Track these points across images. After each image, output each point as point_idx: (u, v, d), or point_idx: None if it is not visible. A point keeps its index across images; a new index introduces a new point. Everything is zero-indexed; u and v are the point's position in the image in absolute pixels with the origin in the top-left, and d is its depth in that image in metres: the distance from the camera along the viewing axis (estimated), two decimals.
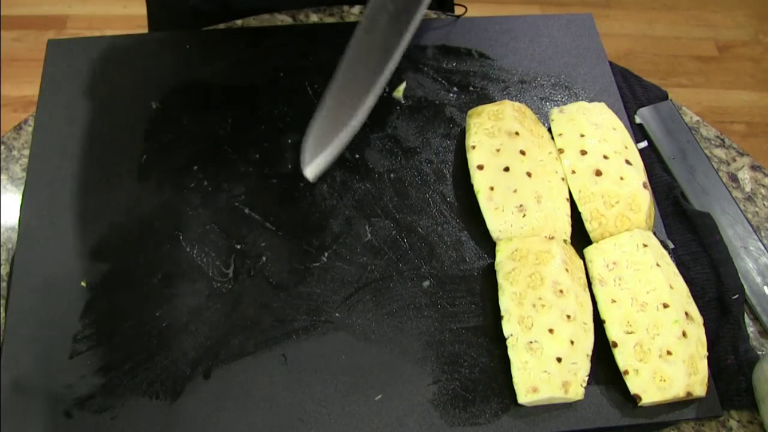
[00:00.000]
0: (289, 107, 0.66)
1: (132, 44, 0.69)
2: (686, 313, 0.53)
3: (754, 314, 0.60)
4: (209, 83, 0.67)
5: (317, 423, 0.51)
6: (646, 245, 0.55)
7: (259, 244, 0.58)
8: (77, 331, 0.54)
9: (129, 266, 0.57)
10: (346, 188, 0.62)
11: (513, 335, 0.52)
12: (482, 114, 0.64)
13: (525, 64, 0.71)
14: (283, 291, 0.56)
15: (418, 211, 0.61)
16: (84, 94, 0.66)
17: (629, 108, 0.69)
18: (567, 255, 0.56)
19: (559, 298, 0.53)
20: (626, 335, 0.53)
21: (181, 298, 0.56)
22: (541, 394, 0.50)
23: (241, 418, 0.51)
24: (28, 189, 0.60)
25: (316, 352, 0.54)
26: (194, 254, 0.58)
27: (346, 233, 0.59)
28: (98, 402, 0.51)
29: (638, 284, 0.54)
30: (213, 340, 0.54)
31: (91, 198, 0.60)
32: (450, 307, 0.56)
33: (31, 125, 0.66)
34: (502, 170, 0.59)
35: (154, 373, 0.53)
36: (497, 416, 0.52)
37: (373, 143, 0.64)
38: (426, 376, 0.53)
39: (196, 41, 0.70)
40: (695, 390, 0.51)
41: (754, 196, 0.67)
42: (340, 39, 0.61)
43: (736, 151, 0.70)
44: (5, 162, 0.65)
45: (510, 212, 0.58)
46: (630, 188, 0.58)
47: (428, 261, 0.58)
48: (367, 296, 0.56)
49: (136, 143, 0.63)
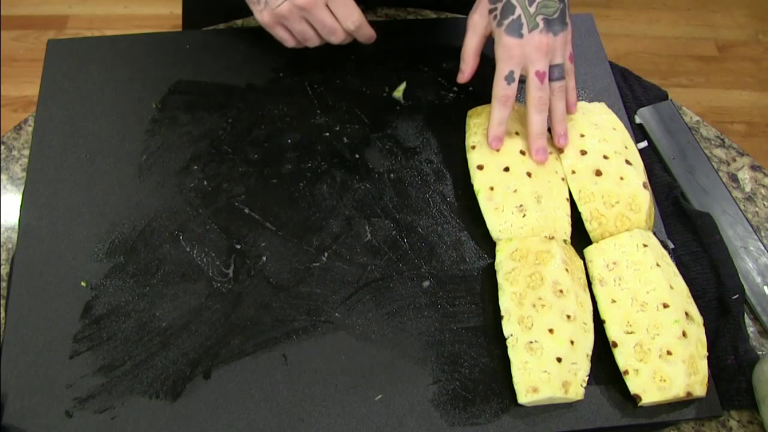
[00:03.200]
0: (289, 107, 0.66)
1: (132, 44, 0.69)
2: (686, 313, 0.53)
3: (754, 314, 0.60)
4: (209, 83, 0.67)
5: (317, 423, 0.51)
6: (646, 245, 0.55)
7: (259, 244, 0.58)
8: (77, 331, 0.54)
9: (129, 266, 0.57)
10: (346, 188, 0.62)
11: (513, 335, 0.52)
12: (482, 114, 0.64)
13: None
14: (283, 291, 0.56)
15: (418, 211, 0.61)
16: (84, 94, 0.66)
17: (629, 108, 0.69)
18: (567, 255, 0.56)
19: (559, 298, 0.53)
20: (626, 335, 0.53)
21: (181, 298, 0.56)
22: (541, 394, 0.50)
23: (241, 418, 0.51)
24: (28, 189, 0.60)
25: (316, 352, 0.54)
26: (194, 254, 0.58)
27: (346, 233, 0.59)
28: (98, 402, 0.51)
29: (638, 284, 0.54)
30: (213, 340, 0.54)
31: (91, 198, 0.60)
32: (450, 307, 0.56)
33: (31, 125, 0.66)
34: (502, 170, 0.59)
35: (154, 373, 0.53)
36: (497, 416, 0.52)
37: (373, 143, 0.64)
38: (426, 376, 0.53)
39: (196, 41, 0.70)
40: (695, 390, 0.51)
41: (754, 196, 0.67)
42: None
43: (736, 151, 0.70)
44: (5, 162, 0.65)
45: (510, 212, 0.58)
46: (630, 188, 0.58)
47: (428, 261, 0.58)
48: (367, 296, 0.56)
49: (136, 143, 0.63)
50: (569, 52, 0.60)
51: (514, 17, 0.58)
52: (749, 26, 1.83)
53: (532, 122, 0.59)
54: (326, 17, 0.61)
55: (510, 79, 0.59)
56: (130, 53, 0.69)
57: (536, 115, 0.59)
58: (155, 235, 0.58)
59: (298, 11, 0.60)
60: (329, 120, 0.66)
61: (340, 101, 0.67)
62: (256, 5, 0.61)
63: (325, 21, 0.61)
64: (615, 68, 0.72)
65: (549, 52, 0.58)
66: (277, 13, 0.60)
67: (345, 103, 0.67)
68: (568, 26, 0.60)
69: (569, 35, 0.60)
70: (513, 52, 0.58)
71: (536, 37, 0.58)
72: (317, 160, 0.63)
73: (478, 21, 0.62)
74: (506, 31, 0.58)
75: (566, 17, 0.59)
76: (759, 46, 1.79)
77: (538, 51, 0.58)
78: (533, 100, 0.59)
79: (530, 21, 0.58)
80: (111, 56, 0.68)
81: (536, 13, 0.58)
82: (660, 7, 1.86)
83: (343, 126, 0.65)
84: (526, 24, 0.58)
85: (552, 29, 0.58)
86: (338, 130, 0.65)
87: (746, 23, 1.83)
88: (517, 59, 0.58)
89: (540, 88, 0.59)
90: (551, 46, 0.58)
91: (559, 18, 0.59)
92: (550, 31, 0.58)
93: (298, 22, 0.61)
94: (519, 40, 0.58)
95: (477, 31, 0.63)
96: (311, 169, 0.63)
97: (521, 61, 0.58)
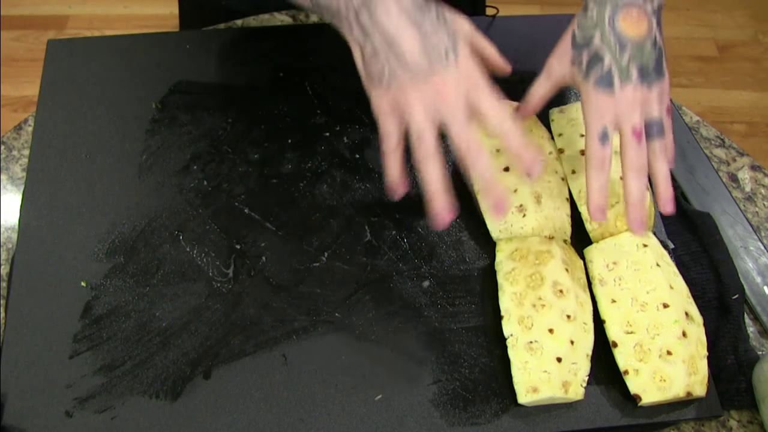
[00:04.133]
0: (289, 107, 0.66)
1: (132, 44, 0.69)
2: (686, 313, 0.53)
3: (754, 314, 0.60)
4: (209, 83, 0.67)
5: (317, 423, 0.51)
6: (646, 245, 0.55)
7: (259, 244, 0.58)
8: (77, 331, 0.54)
9: (129, 266, 0.57)
10: (346, 188, 0.62)
11: (513, 335, 0.52)
12: None
13: (525, 64, 0.71)
14: (283, 291, 0.56)
15: (418, 211, 0.61)
16: (84, 94, 0.66)
17: None
18: (567, 255, 0.56)
19: (559, 298, 0.53)
20: (626, 335, 0.53)
21: (181, 298, 0.56)
22: (541, 394, 0.50)
23: (241, 418, 0.51)
24: (28, 189, 0.60)
25: (316, 352, 0.54)
26: (194, 254, 0.58)
27: (346, 233, 0.59)
28: (98, 402, 0.51)
29: (638, 284, 0.54)
30: (213, 340, 0.54)
31: (91, 198, 0.60)
32: (450, 307, 0.56)
33: (31, 125, 0.66)
34: (502, 170, 0.59)
35: (154, 373, 0.53)
36: (497, 416, 0.52)
37: (373, 143, 0.64)
38: (426, 376, 0.53)
39: (196, 41, 0.70)
40: (695, 390, 0.51)
41: (754, 196, 0.67)
42: (340, 39, 0.61)
43: (736, 151, 0.70)
44: (5, 162, 0.65)
45: (510, 212, 0.58)
46: None
47: (428, 261, 0.58)
48: (367, 296, 0.56)
49: (136, 143, 0.63)
50: (667, 105, 0.53)
51: (605, 68, 0.51)
52: (749, 26, 1.83)
53: (631, 190, 0.51)
54: (474, 134, 0.48)
55: (604, 140, 0.51)
56: (130, 53, 0.69)
57: (635, 181, 0.51)
58: (155, 235, 0.58)
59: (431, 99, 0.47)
60: (329, 120, 0.66)
61: (340, 101, 0.67)
62: (377, 87, 0.49)
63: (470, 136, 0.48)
64: None
65: (645, 107, 0.52)
66: (400, 96, 0.47)
67: (345, 103, 0.67)
68: (665, 76, 0.53)
69: (666, 85, 0.53)
70: (605, 109, 0.51)
71: (630, 91, 0.51)
72: (317, 160, 0.63)
73: (557, 68, 0.56)
74: (596, 85, 0.52)
75: (663, 66, 0.52)
76: (759, 46, 1.79)
77: (632, 106, 0.51)
78: (631, 164, 0.51)
79: (623, 72, 0.51)
80: (111, 56, 0.68)
81: (629, 62, 0.51)
82: None
83: (343, 126, 0.65)
84: (618, 76, 0.51)
85: (647, 80, 0.51)
86: (338, 130, 0.65)
87: (746, 23, 1.83)
88: (609, 117, 0.51)
89: (638, 149, 0.51)
90: (647, 99, 0.51)
91: (656, 68, 0.52)
92: (645, 83, 0.51)
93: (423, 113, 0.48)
94: (611, 95, 0.51)
95: (551, 79, 0.56)
96: (311, 169, 0.63)
97: (614, 119, 0.51)
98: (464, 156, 0.48)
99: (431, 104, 0.47)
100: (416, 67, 0.46)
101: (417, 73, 0.46)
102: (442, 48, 0.47)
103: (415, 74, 0.46)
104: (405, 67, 0.46)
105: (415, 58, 0.46)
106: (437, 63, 0.47)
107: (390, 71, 0.47)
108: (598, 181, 0.52)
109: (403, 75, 0.47)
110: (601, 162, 0.52)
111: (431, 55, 0.46)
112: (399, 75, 0.47)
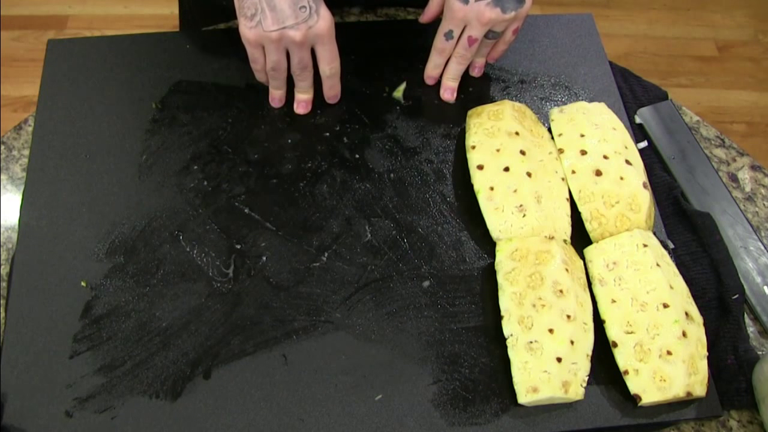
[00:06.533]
0: (289, 107, 0.66)
1: (132, 44, 0.69)
2: (686, 313, 0.53)
3: (754, 314, 0.60)
4: (209, 83, 0.67)
5: (317, 423, 0.51)
6: (646, 245, 0.55)
7: (259, 244, 0.58)
8: (77, 331, 0.54)
9: (129, 266, 0.57)
10: (346, 188, 0.62)
11: (513, 335, 0.52)
12: (482, 114, 0.64)
13: (525, 64, 0.71)
14: (283, 291, 0.56)
15: (418, 211, 0.61)
16: (84, 94, 0.66)
17: (629, 108, 0.69)
18: (567, 255, 0.56)
19: (559, 298, 0.53)
20: (626, 335, 0.53)
21: (181, 298, 0.56)
22: (541, 394, 0.50)
23: (241, 418, 0.51)
24: (28, 189, 0.60)
25: (316, 352, 0.54)
26: (194, 254, 0.58)
27: (346, 233, 0.59)
28: (98, 402, 0.51)
29: (638, 284, 0.54)
30: (213, 340, 0.54)
31: (91, 198, 0.60)
32: (450, 307, 0.56)
33: (31, 125, 0.66)
34: (502, 170, 0.59)
35: (154, 373, 0.53)
36: (497, 416, 0.52)
37: (373, 143, 0.64)
38: (426, 376, 0.53)
39: (196, 41, 0.70)
40: (695, 390, 0.51)
41: (754, 196, 0.67)
42: (340, 39, 0.61)
43: (736, 151, 0.70)
44: (5, 162, 0.65)
45: (510, 212, 0.58)
46: (630, 188, 0.58)
47: (428, 261, 0.58)
48: (367, 296, 0.56)
49: (136, 143, 0.63)
50: (516, 27, 0.64)
51: None
52: (749, 26, 1.83)
53: (449, 68, 0.67)
54: (307, 55, 0.61)
55: (449, 37, 0.64)
56: (130, 53, 0.69)
57: (455, 65, 0.66)
58: (155, 235, 0.58)
59: (286, 43, 0.59)
60: (329, 120, 0.66)
61: (340, 101, 0.67)
62: (248, 20, 0.58)
63: (304, 58, 0.61)
64: (615, 68, 0.72)
65: (489, 24, 0.61)
66: (265, 35, 0.58)
67: (345, 103, 0.67)
68: (524, 5, 0.62)
69: (523, 13, 0.62)
70: (456, 14, 0.62)
71: (480, 7, 0.61)
72: (317, 160, 0.63)
73: None
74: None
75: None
76: (759, 46, 1.79)
77: (478, 20, 0.61)
78: (456, 55, 0.65)
79: None
80: (111, 56, 0.68)
81: None
82: (660, 7, 1.86)
83: (343, 126, 0.65)
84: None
85: (501, 5, 0.60)
86: (338, 130, 0.65)
87: (746, 23, 1.83)
88: (457, 21, 0.62)
89: (466, 48, 0.64)
90: (494, 20, 0.61)
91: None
92: (498, 6, 0.60)
93: (278, 52, 0.60)
94: (464, 5, 0.61)
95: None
96: (311, 169, 0.63)
97: (461, 24, 0.62)
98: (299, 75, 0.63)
99: (285, 46, 0.60)
100: (282, 15, 0.57)
101: (282, 21, 0.58)
102: (307, 8, 0.58)
103: (281, 22, 0.58)
104: (274, 13, 0.57)
105: (284, 9, 0.57)
106: (300, 18, 0.58)
107: (261, 12, 0.58)
108: (435, 61, 0.67)
109: (272, 19, 0.58)
110: (441, 51, 0.66)
111: (296, 11, 0.58)
112: (268, 17, 0.58)
